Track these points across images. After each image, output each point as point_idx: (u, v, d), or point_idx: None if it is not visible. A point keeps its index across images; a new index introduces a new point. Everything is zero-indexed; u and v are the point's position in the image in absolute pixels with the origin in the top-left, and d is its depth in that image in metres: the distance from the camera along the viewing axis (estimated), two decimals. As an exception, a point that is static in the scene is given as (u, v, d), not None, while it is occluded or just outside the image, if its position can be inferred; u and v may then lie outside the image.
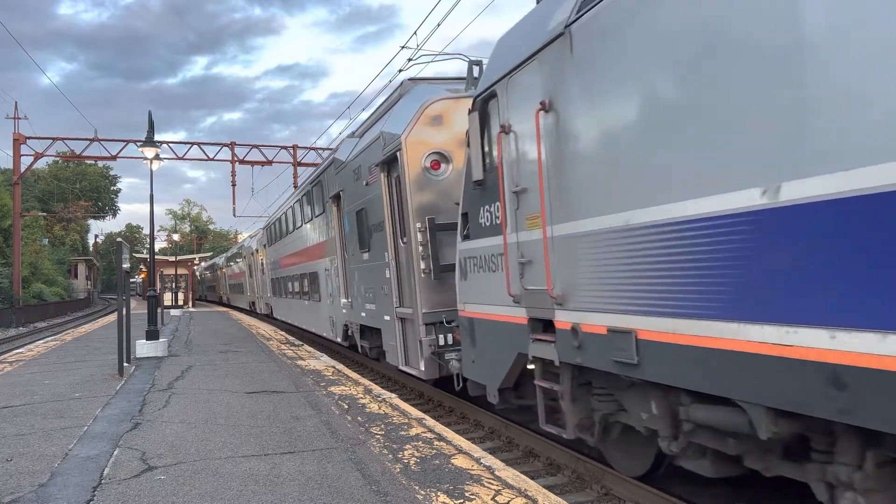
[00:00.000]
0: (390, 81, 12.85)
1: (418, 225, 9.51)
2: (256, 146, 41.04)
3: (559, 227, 5.78)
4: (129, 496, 5.31)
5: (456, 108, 9.70)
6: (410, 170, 9.66)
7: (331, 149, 23.28)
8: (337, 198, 14.38)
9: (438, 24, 15.89)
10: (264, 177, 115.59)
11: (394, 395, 9.56)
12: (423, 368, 9.54)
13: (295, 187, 38.62)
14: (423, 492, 5.19)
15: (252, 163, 40.91)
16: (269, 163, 41.11)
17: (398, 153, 9.79)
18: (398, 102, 11.43)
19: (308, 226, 18.55)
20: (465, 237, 7.89)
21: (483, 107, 7.23)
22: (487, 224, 7.22)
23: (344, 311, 14.39)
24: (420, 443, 6.73)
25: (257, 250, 33.17)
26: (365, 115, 15.83)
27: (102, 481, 5.72)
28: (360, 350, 13.54)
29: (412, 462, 6.03)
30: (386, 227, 10.59)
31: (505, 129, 6.59)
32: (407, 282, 9.97)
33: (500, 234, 6.81)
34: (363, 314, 12.64)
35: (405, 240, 9.92)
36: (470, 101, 7.72)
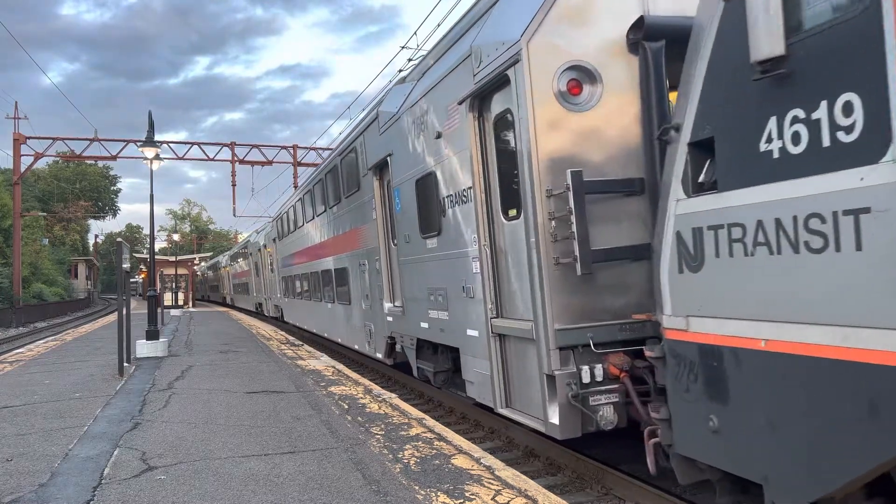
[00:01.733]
0: (390, 81, 12.38)
1: (547, 188, 5.96)
2: (256, 146, 41.09)
3: None
4: (129, 496, 5.32)
5: None
6: (535, 96, 6.02)
7: (331, 149, 22.68)
8: (380, 168, 10.91)
9: (438, 25, 15.90)
10: (265, 177, 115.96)
11: (394, 395, 9.57)
12: (555, 421, 5.93)
13: (295, 187, 38.64)
14: (423, 492, 5.20)
15: (252, 163, 40.95)
16: (270, 163, 41.16)
17: (512, 71, 6.19)
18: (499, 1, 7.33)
19: (334, 210, 14.74)
20: (704, 188, 4.49)
21: None
22: (805, 147, 3.66)
23: (389, 318, 10.93)
24: (420, 443, 6.73)
25: (265, 246, 29.88)
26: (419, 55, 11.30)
27: (102, 481, 5.72)
28: (417, 374, 10.09)
29: (412, 462, 6.04)
30: (475, 198, 7.17)
31: None
32: (515, 279, 6.73)
33: (875, 160, 3.27)
34: (424, 325, 9.21)
35: (513, 213, 6.67)
36: None
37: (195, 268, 64.06)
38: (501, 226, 6.97)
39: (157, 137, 17.91)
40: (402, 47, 18.34)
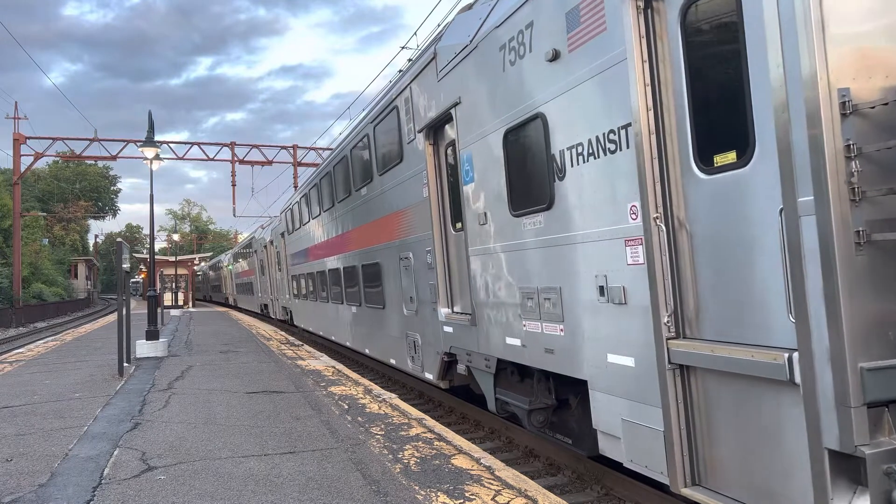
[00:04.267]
0: (390, 82, 12.19)
1: (842, 98, 3.42)
2: (256, 146, 41.13)
3: None
4: (128, 496, 5.31)
5: None
6: None
7: (331, 149, 22.41)
8: (436, 127, 8.51)
9: (439, 25, 15.90)
10: (265, 177, 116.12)
11: (394, 396, 9.56)
12: None
13: (295, 188, 38.64)
14: (423, 492, 5.19)
15: (252, 163, 40.98)
16: (269, 163, 41.19)
17: None
18: None
19: (362, 193, 12.07)
20: None
21: None
22: None
23: (447, 329, 8.58)
24: (420, 443, 6.73)
25: (272, 242, 27.36)
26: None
27: (102, 481, 5.72)
28: (495, 408, 7.62)
29: (412, 462, 6.03)
30: (639, 141, 4.63)
31: None
32: (731, 274, 4.17)
33: None
34: (513, 341, 6.81)
35: (726, 159, 4.17)
36: None
37: (195, 267, 64.02)
38: (690, 184, 4.46)
39: (158, 137, 17.96)
40: (403, 47, 18.36)
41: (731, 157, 4.12)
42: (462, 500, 4.98)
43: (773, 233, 3.78)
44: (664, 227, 4.56)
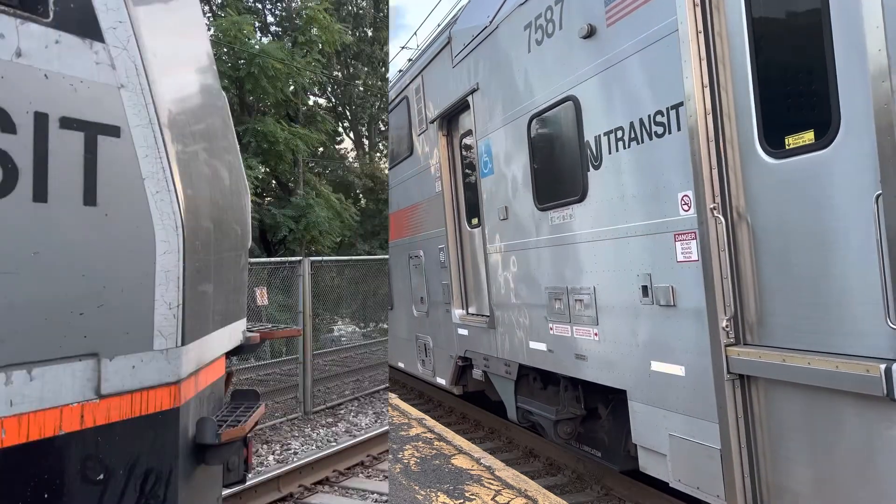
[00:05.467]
0: (390, 81, 12.12)
1: None
2: (257, 146, 41.14)
3: None
4: (128, 496, 5.31)
5: None
6: None
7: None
8: (450, 118, 8.11)
9: (439, 25, 15.88)
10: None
11: (394, 396, 9.55)
12: None
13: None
14: (423, 492, 5.19)
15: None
16: (270, 163, 41.19)
17: None
18: None
19: None
20: None
21: None
22: None
23: (462, 332, 8.09)
24: (420, 443, 6.73)
25: None
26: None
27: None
28: (516, 417, 7.08)
29: (412, 462, 6.03)
30: (694, 122, 4.15)
31: None
32: (814, 273, 3.65)
33: None
34: (537, 345, 6.29)
35: (800, 140, 3.69)
36: None
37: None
38: (753, 170, 3.94)
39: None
40: (403, 47, 18.41)
41: (807, 137, 3.56)
42: (462, 500, 4.98)
43: (864, 223, 3.23)
44: (723, 219, 3.98)
